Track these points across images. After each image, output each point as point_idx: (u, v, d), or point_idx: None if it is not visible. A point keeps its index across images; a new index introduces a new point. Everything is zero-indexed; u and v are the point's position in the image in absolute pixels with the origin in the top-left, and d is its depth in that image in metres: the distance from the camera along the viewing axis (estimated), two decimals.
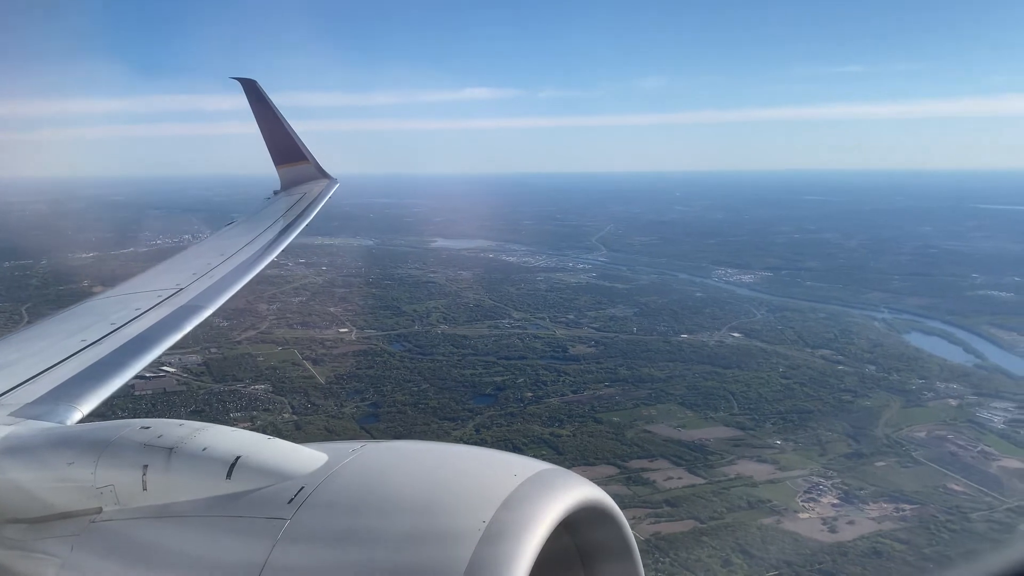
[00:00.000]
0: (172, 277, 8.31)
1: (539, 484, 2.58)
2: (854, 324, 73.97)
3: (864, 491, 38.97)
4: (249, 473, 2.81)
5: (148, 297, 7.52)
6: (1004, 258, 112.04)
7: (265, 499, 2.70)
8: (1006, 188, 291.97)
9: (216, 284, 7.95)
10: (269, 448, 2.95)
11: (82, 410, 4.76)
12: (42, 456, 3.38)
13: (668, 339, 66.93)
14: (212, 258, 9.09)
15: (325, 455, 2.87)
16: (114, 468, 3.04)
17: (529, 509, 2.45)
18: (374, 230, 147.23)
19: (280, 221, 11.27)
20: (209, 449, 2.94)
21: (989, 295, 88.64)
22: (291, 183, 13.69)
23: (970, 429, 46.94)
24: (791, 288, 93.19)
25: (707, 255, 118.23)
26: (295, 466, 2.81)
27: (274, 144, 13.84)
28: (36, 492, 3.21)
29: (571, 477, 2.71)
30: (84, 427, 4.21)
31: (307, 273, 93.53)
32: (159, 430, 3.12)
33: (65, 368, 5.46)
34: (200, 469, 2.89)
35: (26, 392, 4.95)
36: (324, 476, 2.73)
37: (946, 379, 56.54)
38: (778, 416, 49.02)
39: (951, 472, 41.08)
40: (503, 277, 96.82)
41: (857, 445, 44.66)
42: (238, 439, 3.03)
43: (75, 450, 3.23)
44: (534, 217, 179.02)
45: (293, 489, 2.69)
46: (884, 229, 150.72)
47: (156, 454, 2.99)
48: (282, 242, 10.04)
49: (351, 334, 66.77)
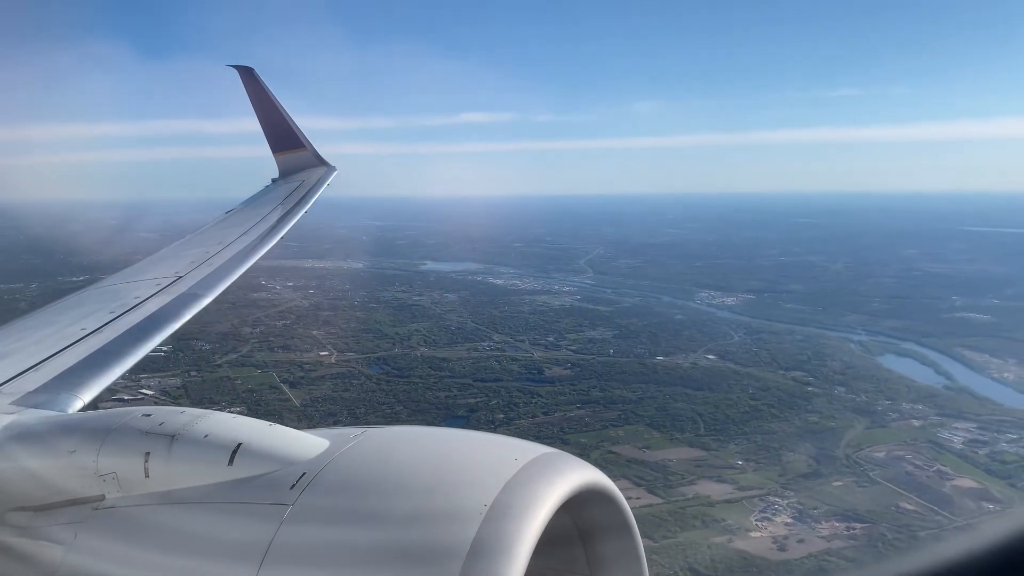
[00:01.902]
0: (171, 265, 8.33)
1: (541, 467, 2.63)
2: (829, 346, 75.07)
3: (818, 510, 39.94)
4: (251, 459, 2.84)
5: (147, 285, 7.51)
6: (985, 280, 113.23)
7: (267, 485, 2.73)
8: (996, 211, 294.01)
9: (215, 272, 7.93)
10: (271, 434, 2.98)
11: (83, 398, 4.77)
12: (44, 444, 3.39)
13: (644, 361, 68.02)
14: (211, 246, 9.06)
15: (327, 441, 2.91)
16: (116, 456, 3.06)
17: (531, 491, 2.49)
18: (365, 253, 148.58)
19: (278, 209, 11.23)
20: (211, 436, 2.97)
21: (966, 317, 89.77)
22: (289, 170, 13.61)
23: (929, 449, 47.97)
24: (771, 310, 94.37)
25: (692, 278, 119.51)
26: (297, 452, 2.84)
27: (271, 131, 13.82)
28: (39, 480, 3.23)
29: (572, 460, 2.77)
30: (86, 415, 4.25)
31: (294, 296, 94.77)
32: (160, 417, 3.15)
33: (66, 356, 5.46)
34: (202, 456, 2.92)
35: (27, 381, 4.94)
36: (326, 461, 2.76)
37: (912, 400, 57.57)
38: (742, 437, 50.02)
39: (905, 491, 42.07)
40: (488, 300, 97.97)
41: (817, 465, 45.67)
42: (240, 426, 3.05)
43: (77, 438, 3.24)
44: (525, 239, 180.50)
45: (295, 475, 2.72)
46: (870, 252, 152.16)
47: (158, 441, 3.01)
48: (280, 229, 9.93)
49: (331, 357, 67.83)
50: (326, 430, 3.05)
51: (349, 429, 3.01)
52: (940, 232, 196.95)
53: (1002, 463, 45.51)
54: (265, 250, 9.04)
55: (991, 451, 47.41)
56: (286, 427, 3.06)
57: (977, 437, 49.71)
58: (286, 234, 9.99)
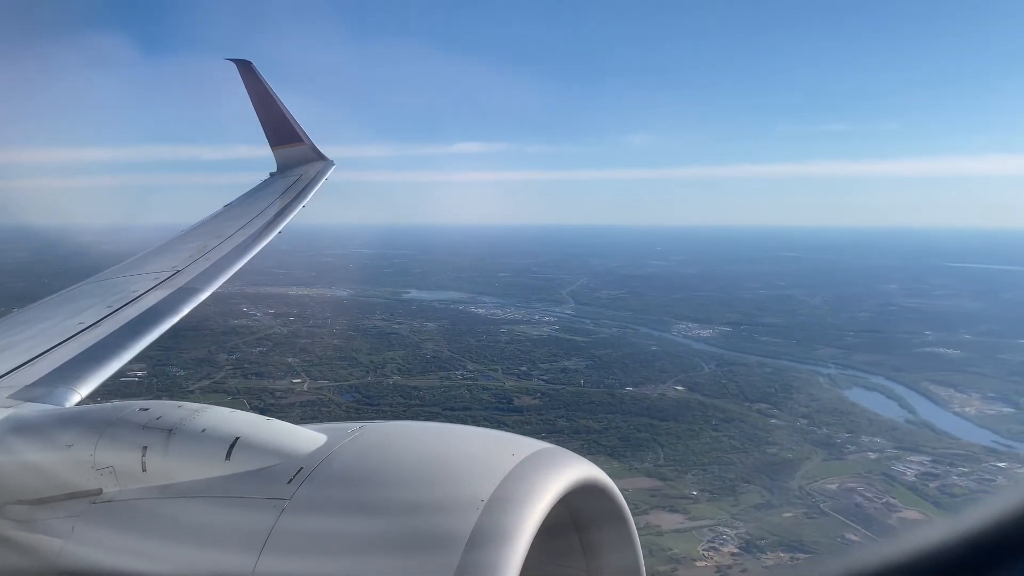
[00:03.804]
0: (169, 259, 8.32)
1: (538, 462, 2.68)
2: (798, 379, 76.09)
3: (765, 540, 40.72)
4: (248, 454, 2.85)
5: (145, 279, 7.50)
6: (959, 316, 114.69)
7: (264, 479, 2.74)
8: (980, 247, 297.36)
9: (213, 266, 7.93)
10: (268, 429, 2.99)
11: (81, 392, 4.77)
12: (42, 438, 3.40)
13: (613, 391, 68.92)
14: (208, 240, 9.01)
15: (324, 436, 2.92)
16: (113, 450, 3.07)
17: (529, 485, 2.53)
18: (351, 281, 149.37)
19: (276, 203, 11.16)
20: (208, 430, 2.98)
21: (936, 352, 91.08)
22: (287, 165, 13.52)
23: (882, 482, 48.87)
24: (745, 343, 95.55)
25: (671, 309, 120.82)
26: (294, 447, 2.85)
27: (269, 125, 13.72)
28: (37, 473, 3.23)
29: (569, 456, 2.83)
30: (83, 409, 4.25)
31: (274, 323, 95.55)
32: (158, 412, 3.16)
33: (63, 350, 5.46)
34: (199, 450, 2.93)
35: (25, 374, 4.94)
36: (323, 456, 2.77)
37: (872, 433, 58.56)
38: (700, 468, 50.84)
39: (852, 523, 42.91)
40: (467, 329, 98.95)
41: (770, 496, 46.51)
42: (237, 420, 3.06)
43: (74, 432, 3.24)
44: (512, 269, 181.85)
45: (292, 469, 2.73)
46: (850, 286, 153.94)
47: (155, 435, 3.02)
48: (278, 224, 9.87)
49: (304, 384, 68.59)
50: (324, 425, 3.09)
51: (347, 424, 3.04)
52: (923, 268, 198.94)
53: (950, 496, 46.38)
54: (263, 244, 8.99)
55: (941, 484, 48.36)
56: (284, 422, 3.09)
57: (930, 470, 50.68)
58: (283, 229, 9.95)
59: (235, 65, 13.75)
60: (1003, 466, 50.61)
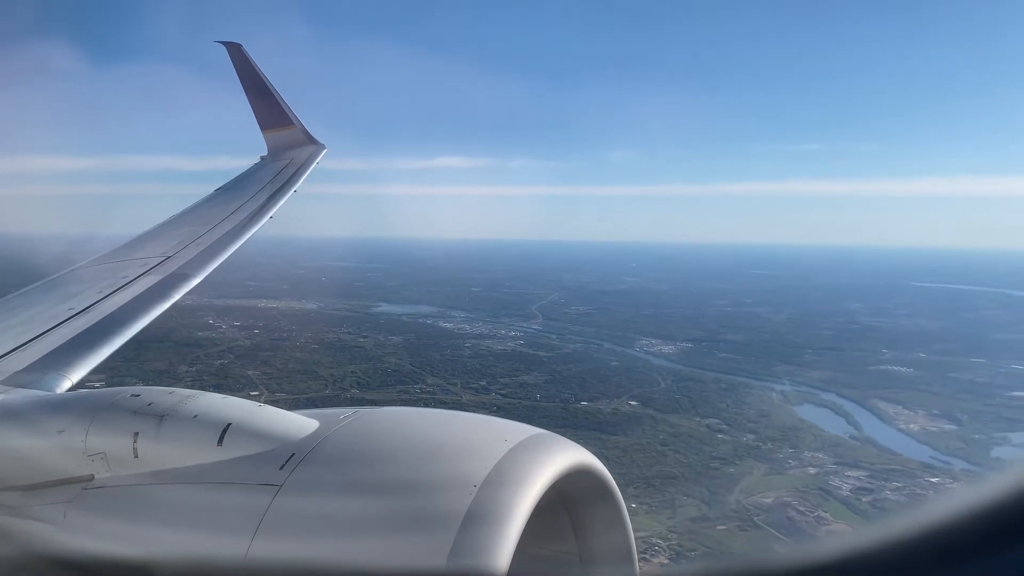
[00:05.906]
0: (159, 245, 8.24)
1: (531, 447, 2.71)
2: (751, 395, 77.64)
3: (695, 552, 41.81)
4: (240, 440, 2.85)
5: (135, 265, 7.44)
6: (917, 335, 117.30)
7: (256, 465, 2.73)
8: (949, 266, 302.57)
9: (203, 252, 7.87)
10: (260, 415, 2.99)
11: (71, 378, 4.73)
12: (33, 424, 3.38)
13: (567, 406, 70.06)
14: (199, 226, 8.93)
15: (316, 422, 2.94)
16: (105, 436, 3.05)
17: (522, 469, 2.55)
18: (321, 294, 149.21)
19: (267, 188, 11.00)
20: (200, 416, 2.98)
21: (890, 370, 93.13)
22: (278, 148, 13.36)
23: (817, 496, 50.27)
24: (705, 359, 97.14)
25: (637, 325, 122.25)
26: (286, 432, 2.86)
27: (260, 108, 13.57)
28: (28, 460, 3.22)
29: (562, 441, 2.87)
30: (74, 395, 4.25)
31: (238, 336, 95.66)
32: (149, 398, 3.14)
33: (53, 336, 5.41)
34: (191, 436, 2.93)
35: (15, 360, 4.89)
36: (316, 442, 2.78)
37: (815, 449, 60.04)
38: (642, 480, 51.92)
39: (783, 536, 44.15)
40: (432, 343, 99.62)
41: (707, 509, 47.71)
42: (229, 406, 3.05)
43: (65, 418, 3.22)
44: (485, 284, 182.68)
45: (284, 455, 2.73)
46: (816, 304, 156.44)
47: (147, 421, 3.01)
48: (269, 209, 9.71)
49: (261, 397, 68.83)
50: (316, 411, 3.11)
51: (340, 410, 3.06)
52: (888, 286, 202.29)
53: (881, 510, 47.87)
54: (254, 230, 8.87)
55: (874, 498, 49.80)
56: (276, 408, 3.10)
57: (865, 485, 52.16)
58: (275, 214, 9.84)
59: (225, 48, 13.75)
60: (935, 481, 52.24)
